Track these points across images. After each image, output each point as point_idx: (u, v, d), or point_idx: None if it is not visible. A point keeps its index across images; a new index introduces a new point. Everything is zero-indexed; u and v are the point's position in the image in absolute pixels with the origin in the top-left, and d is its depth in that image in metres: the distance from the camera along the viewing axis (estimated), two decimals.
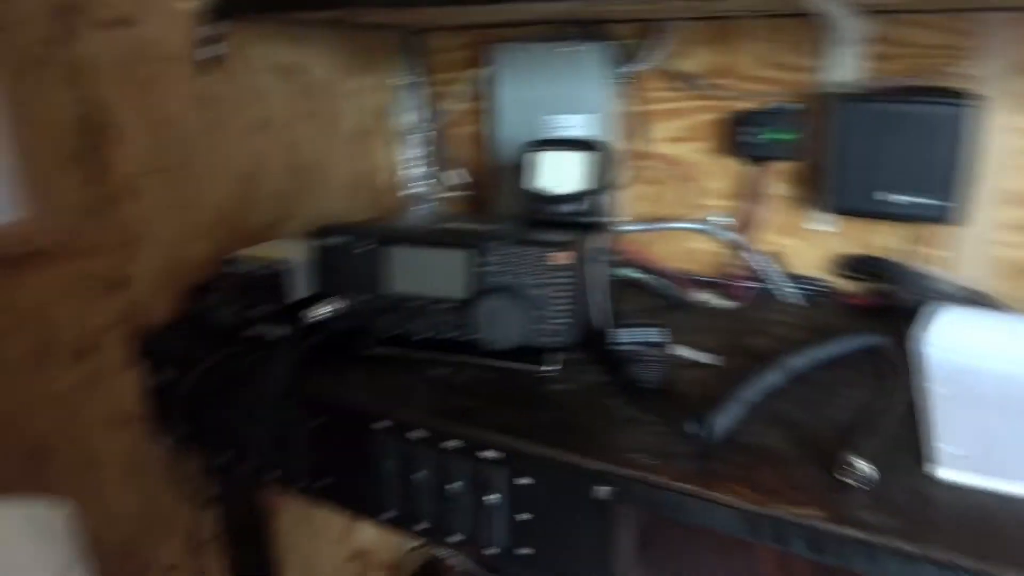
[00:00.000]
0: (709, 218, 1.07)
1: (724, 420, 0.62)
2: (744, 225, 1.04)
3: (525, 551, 0.64)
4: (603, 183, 0.86)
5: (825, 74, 0.96)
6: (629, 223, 1.11)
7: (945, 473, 0.55)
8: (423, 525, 0.68)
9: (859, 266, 0.99)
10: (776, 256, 1.03)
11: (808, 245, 1.02)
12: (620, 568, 0.61)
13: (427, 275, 0.75)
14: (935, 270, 0.94)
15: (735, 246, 1.05)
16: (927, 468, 0.56)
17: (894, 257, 0.97)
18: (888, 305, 0.92)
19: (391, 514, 0.70)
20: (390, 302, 0.75)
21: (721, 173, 1.05)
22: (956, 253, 0.94)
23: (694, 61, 1.04)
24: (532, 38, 1.10)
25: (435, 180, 1.29)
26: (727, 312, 0.96)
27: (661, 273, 1.03)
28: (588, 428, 0.64)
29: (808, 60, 0.97)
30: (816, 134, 0.95)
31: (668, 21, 1.02)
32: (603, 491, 0.59)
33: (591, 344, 0.78)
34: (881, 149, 0.89)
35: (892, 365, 0.76)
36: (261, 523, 1.03)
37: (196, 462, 0.87)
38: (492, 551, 0.65)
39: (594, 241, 0.78)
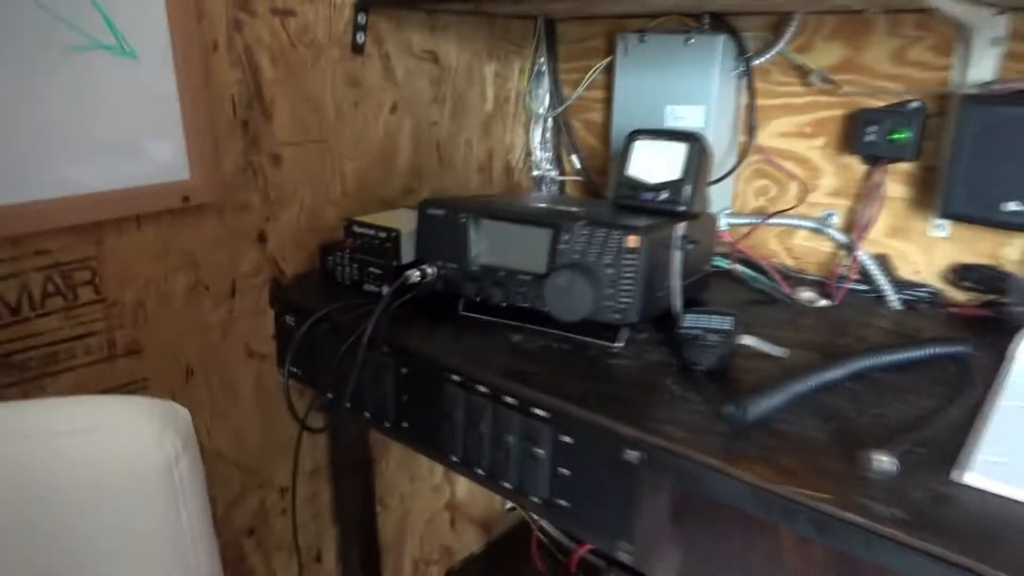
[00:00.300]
0: (820, 216, 1.06)
1: (761, 405, 0.64)
2: (854, 225, 1.02)
3: (563, 503, 0.70)
4: (696, 174, 0.89)
5: (959, 74, 0.92)
6: (738, 215, 1.12)
7: (971, 478, 0.55)
8: (480, 471, 0.76)
9: (970, 275, 0.94)
10: (884, 259, 1.01)
11: (919, 250, 0.99)
12: (649, 533, 0.66)
13: (512, 249, 0.82)
14: None
15: (843, 246, 1.03)
16: (955, 474, 0.56)
17: (1010, 269, 0.91)
18: (993, 317, 0.88)
19: (455, 457, 0.78)
20: (478, 271, 0.83)
21: (837, 171, 1.04)
22: None
23: (821, 56, 1.03)
24: (659, 29, 1.13)
25: (560, 164, 1.36)
26: (821, 311, 0.96)
27: (760, 267, 1.03)
28: (633, 400, 0.69)
29: (942, 59, 0.93)
30: (941, 136, 0.92)
31: (796, 14, 1.02)
32: (632, 455, 0.63)
33: (660, 326, 0.82)
34: (1007, 155, 0.84)
35: (975, 376, 0.74)
36: (366, 460, 1.16)
37: (312, 399, 1.00)
38: (535, 500, 0.71)
39: (674, 229, 0.81)
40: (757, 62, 1.06)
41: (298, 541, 1.08)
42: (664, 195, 0.88)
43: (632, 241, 0.74)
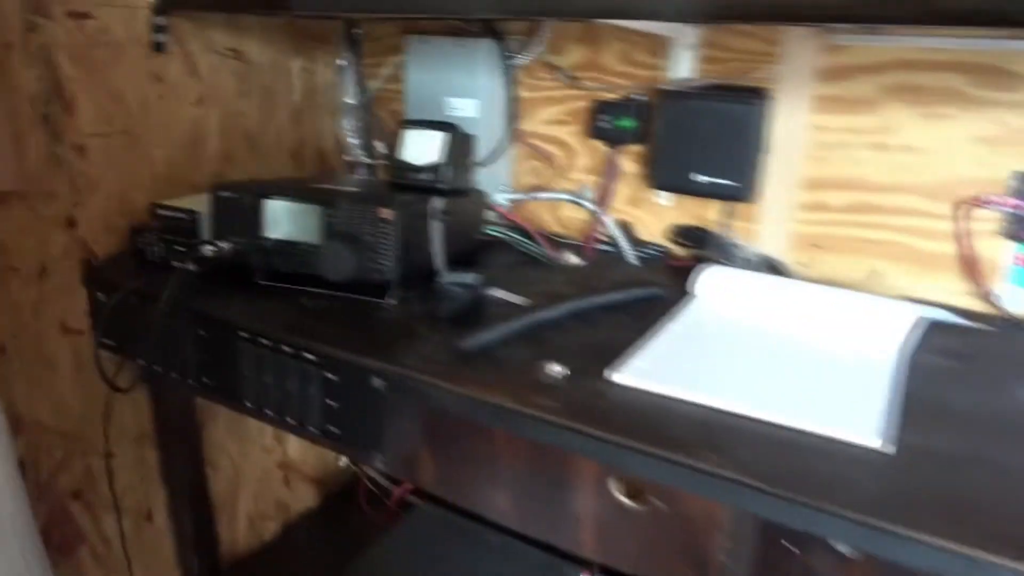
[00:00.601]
0: (577, 190, 1.26)
1: (481, 339, 0.82)
2: (602, 197, 1.23)
3: (334, 429, 0.85)
4: (456, 158, 1.06)
5: (668, 73, 1.13)
6: (513, 191, 1.31)
7: (618, 377, 0.75)
8: (269, 412, 0.90)
9: (684, 234, 1.17)
10: (626, 224, 1.22)
11: (651, 215, 1.21)
12: (399, 445, 0.82)
13: (293, 224, 0.96)
14: (742, 240, 1.12)
15: (594, 214, 1.24)
16: (607, 374, 0.76)
17: (713, 228, 1.15)
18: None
19: (249, 403, 0.92)
20: (267, 244, 0.97)
21: (588, 152, 1.24)
22: (761, 226, 1.12)
23: (570, 56, 1.22)
24: (442, 32, 1.29)
25: (370, 150, 1.50)
26: (574, 268, 1.15)
27: (528, 234, 1.22)
28: (386, 341, 0.85)
29: (659, 60, 1.15)
30: (651, 123, 1.13)
31: (546, 20, 1.21)
32: (379, 382, 0.80)
33: (423, 283, 0.99)
34: (693, 138, 1.07)
35: (666, 311, 0.95)
36: (191, 424, 1.27)
37: (131, 367, 1.10)
38: (313, 429, 0.87)
39: (430, 203, 0.98)
40: (520, 61, 1.25)
41: (117, 500, 1.17)
42: (427, 176, 1.04)
43: (384, 213, 0.90)
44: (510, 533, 1.30)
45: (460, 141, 1.07)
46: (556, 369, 0.75)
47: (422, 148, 1.06)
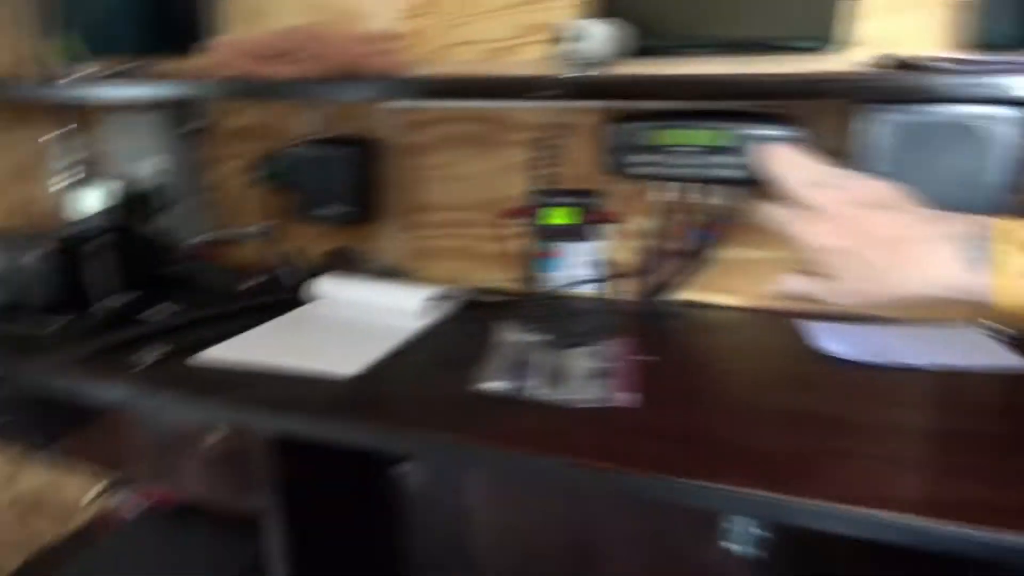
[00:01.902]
0: (251, 230, 1.55)
1: (105, 341, 1.08)
2: (273, 233, 1.52)
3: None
4: (133, 207, 1.33)
5: (304, 127, 1.46)
6: (201, 232, 1.58)
7: (204, 357, 1.03)
8: None
9: (333, 255, 1.49)
10: (289, 252, 1.52)
11: (310, 242, 1.51)
12: (53, 428, 1.06)
13: None
14: (371, 255, 1.45)
15: (268, 247, 1.53)
16: (195, 356, 1.04)
17: (351, 247, 1.47)
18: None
19: None
20: None
21: (257, 198, 1.54)
22: (384, 243, 1.45)
23: (239, 119, 1.52)
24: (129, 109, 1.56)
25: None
26: (246, 290, 1.43)
27: (212, 266, 1.49)
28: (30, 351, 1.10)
29: (297, 118, 1.47)
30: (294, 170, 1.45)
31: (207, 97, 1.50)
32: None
33: (80, 309, 1.23)
34: (320, 178, 1.39)
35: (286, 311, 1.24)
36: None
37: None
38: None
39: (95, 241, 1.24)
40: (197, 127, 1.53)
41: None
42: (101, 221, 1.31)
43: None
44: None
45: (133, 194, 1.34)
46: (151, 356, 1.03)
47: (92, 201, 1.32)
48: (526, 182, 1.31)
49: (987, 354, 0.97)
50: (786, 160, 0.75)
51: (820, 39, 1.08)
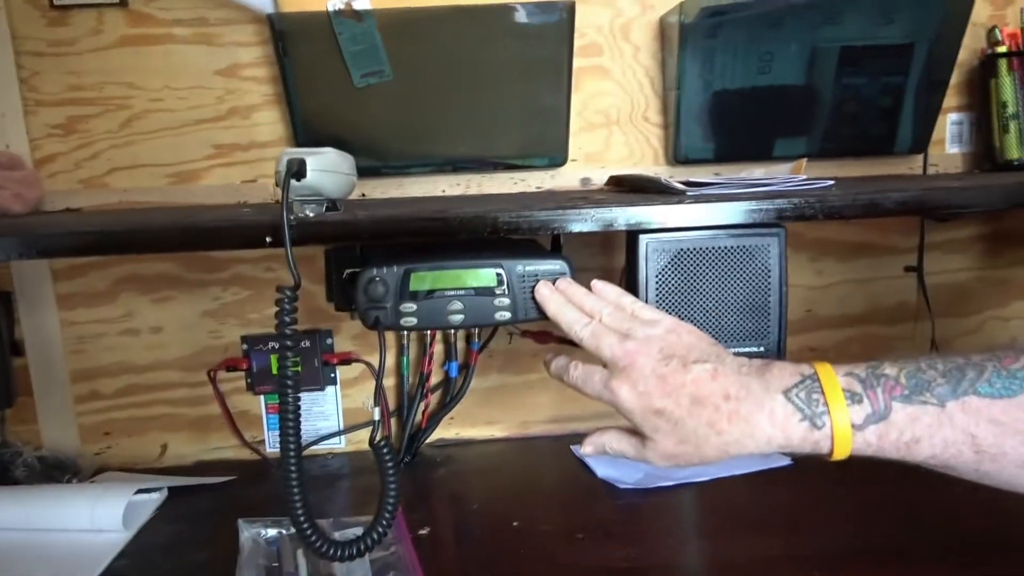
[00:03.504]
0: None
1: None
2: None
3: None
4: None
5: None
6: None
7: None
8: None
9: None
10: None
11: None
12: None
13: None
14: (24, 444, 1.07)
15: None
16: None
17: None
18: None
19: None
20: None
21: None
22: (44, 426, 1.08)
23: None
24: None
25: None
26: None
27: None
28: None
29: None
30: None
31: None
32: None
33: None
34: None
35: None
36: None
37: None
38: None
39: None
40: None
41: None
42: None
43: None
44: None
45: None
46: None
47: None
48: (239, 326, 1.08)
49: (745, 460, 0.97)
50: (573, 297, 0.67)
51: (545, 156, 1.05)
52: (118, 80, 1.02)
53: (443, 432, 1.12)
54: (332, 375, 1.10)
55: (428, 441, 1.11)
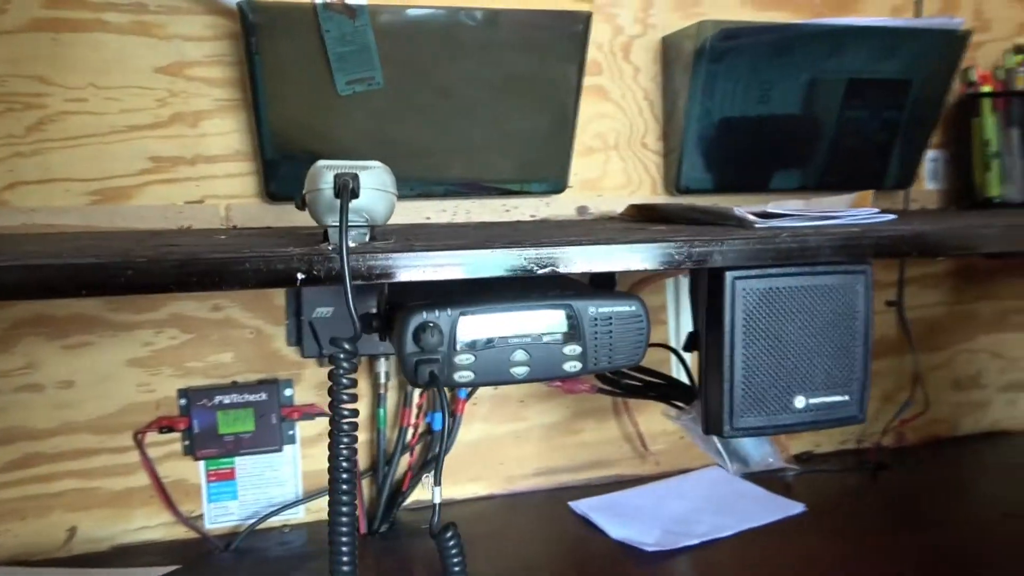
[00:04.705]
0: None
1: None
2: None
3: None
4: None
5: None
6: None
7: None
8: None
9: None
10: None
11: None
12: None
13: None
14: None
15: None
16: None
17: None
18: None
19: None
20: None
21: None
22: None
23: None
24: None
25: None
26: None
27: None
28: None
29: None
30: None
31: None
32: None
33: None
34: None
35: None
36: None
37: None
38: None
39: None
40: None
41: None
42: None
43: None
44: None
45: None
46: None
47: None
48: (176, 377, 0.89)
49: (757, 508, 0.90)
50: None
51: (544, 181, 0.95)
52: (26, 73, 0.81)
53: (420, 493, 0.98)
54: (291, 432, 0.93)
55: (405, 507, 0.96)
